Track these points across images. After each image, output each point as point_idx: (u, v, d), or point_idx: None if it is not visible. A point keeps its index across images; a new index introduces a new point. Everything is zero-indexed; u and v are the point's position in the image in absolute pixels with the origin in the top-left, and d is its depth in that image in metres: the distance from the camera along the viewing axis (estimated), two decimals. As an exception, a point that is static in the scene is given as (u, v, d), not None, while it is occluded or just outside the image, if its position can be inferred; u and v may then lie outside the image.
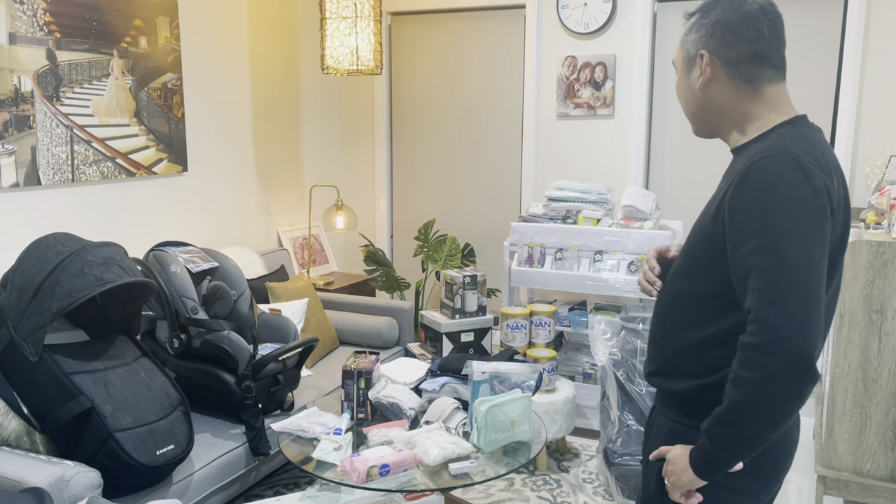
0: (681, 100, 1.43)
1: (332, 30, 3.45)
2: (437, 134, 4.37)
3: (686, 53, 1.38)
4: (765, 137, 1.31)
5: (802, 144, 1.24)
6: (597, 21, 3.79)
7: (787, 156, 1.21)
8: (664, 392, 1.45)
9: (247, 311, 2.86)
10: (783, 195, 1.18)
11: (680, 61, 1.41)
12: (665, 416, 1.45)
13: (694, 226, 1.39)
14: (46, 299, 2.13)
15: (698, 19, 1.36)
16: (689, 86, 1.39)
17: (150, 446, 2.17)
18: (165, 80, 3.30)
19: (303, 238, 4.22)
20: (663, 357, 1.43)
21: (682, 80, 1.41)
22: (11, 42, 2.65)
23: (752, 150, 1.28)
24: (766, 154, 1.23)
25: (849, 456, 2.67)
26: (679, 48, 1.42)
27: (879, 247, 2.55)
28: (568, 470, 3.18)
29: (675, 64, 1.44)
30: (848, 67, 3.37)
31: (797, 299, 1.14)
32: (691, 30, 1.37)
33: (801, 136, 1.27)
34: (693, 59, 1.37)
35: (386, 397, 2.48)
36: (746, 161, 1.26)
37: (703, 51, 1.34)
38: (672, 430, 1.41)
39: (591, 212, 3.39)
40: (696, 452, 1.29)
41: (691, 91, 1.39)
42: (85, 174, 2.97)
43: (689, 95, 1.40)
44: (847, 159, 3.42)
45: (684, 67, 1.40)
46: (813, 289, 1.15)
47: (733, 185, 1.25)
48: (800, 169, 1.19)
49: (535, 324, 3.29)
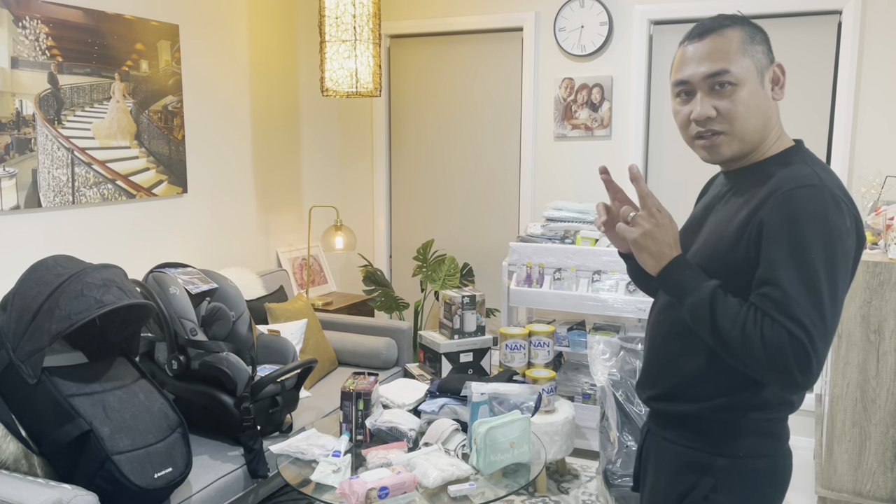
0: (750, 113, 1.31)
1: (332, 52, 3.48)
2: (435, 155, 4.40)
3: (758, 63, 1.31)
4: (783, 161, 1.31)
5: (829, 175, 1.27)
6: (593, 43, 3.83)
7: (825, 189, 1.22)
8: (667, 415, 1.43)
9: (245, 333, 2.87)
10: (824, 233, 1.20)
11: (752, 71, 1.30)
12: (667, 439, 1.42)
13: (701, 248, 1.36)
14: (46, 321, 2.14)
15: (751, 32, 1.31)
16: (766, 96, 1.32)
17: (149, 469, 2.16)
18: (166, 102, 3.33)
19: (302, 258, 4.23)
20: (670, 381, 1.41)
21: (756, 90, 1.30)
22: (14, 66, 2.68)
23: (777, 175, 1.28)
24: (803, 183, 1.23)
25: (849, 476, 2.66)
26: (740, 58, 1.29)
27: (876, 267, 2.56)
28: (568, 491, 3.17)
29: (734, 74, 1.29)
30: (843, 88, 3.40)
31: (824, 341, 1.19)
32: (753, 40, 1.31)
33: (822, 165, 1.30)
34: (766, 69, 1.32)
35: (384, 423, 2.48)
36: (778, 187, 1.25)
37: (779, 62, 1.33)
38: (678, 453, 1.39)
39: (589, 232, 3.40)
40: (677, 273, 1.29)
41: (767, 102, 1.32)
42: (85, 196, 2.98)
43: (766, 107, 1.32)
44: (843, 179, 3.44)
45: (759, 77, 1.31)
46: (833, 331, 1.22)
47: (768, 208, 1.24)
48: (836, 206, 1.22)
49: (534, 344, 3.29)
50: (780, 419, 1.35)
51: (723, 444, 1.34)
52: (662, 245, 1.30)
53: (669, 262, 1.30)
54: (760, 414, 1.33)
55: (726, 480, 1.34)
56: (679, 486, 1.38)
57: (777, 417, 1.34)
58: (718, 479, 1.34)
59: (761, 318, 1.20)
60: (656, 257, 1.31)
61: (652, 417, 1.48)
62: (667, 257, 1.31)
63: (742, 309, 1.22)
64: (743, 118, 1.30)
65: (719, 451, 1.34)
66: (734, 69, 1.29)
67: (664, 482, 1.42)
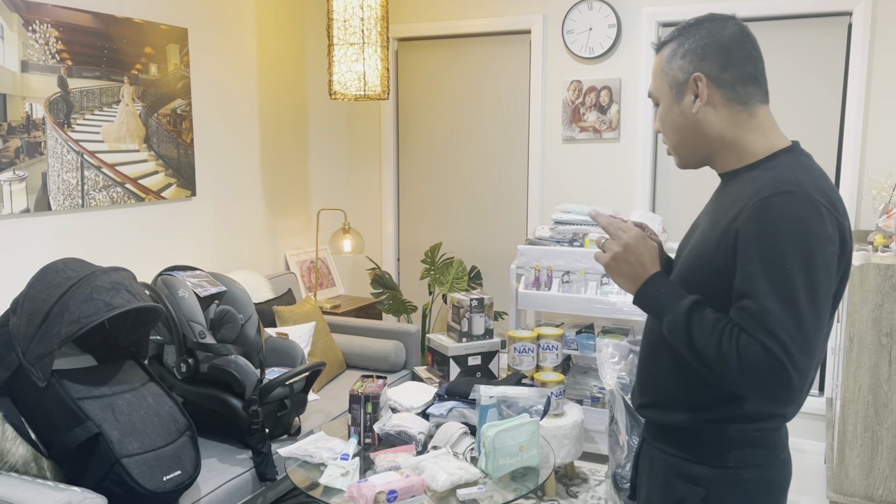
0: (669, 131, 1.36)
1: (340, 56, 3.49)
2: (443, 157, 4.40)
3: (673, 80, 1.33)
4: (769, 166, 1.28)
5: (812, 179, 1.22)
6: (602, 46, 3.82)
7: (803, 195, 1.18)
8: (658, 425, 1.41)
9: (254, 336, 2.87)
10: (801, 242, 1.17)
11: (665, 90, 1.35)
12: (659, 449, 1.41)
13: (687, 255, 1.35)
14: (55, 325, 2.14)
15: (679, 44, 1.32)
16: (682, 113, 1.33)
17: (157, 472, 2.17)
18: (175, 106, 3.34)
19: (310, 261, 4.24)
20: (659, 388, 1.40)
21: (671, 108, 1.34)
22: (24, 70, 2.69)
23: (758, 181, 1.24)
24: (780, 190, 1.19)
25: (860, 481, 2.64)
26: (660, 77, 1.35)
27: (888, 270, 2.54)
28: (577, 495, 3.15)
29: (654, 96, 1.38)
30: (853, 90, 3.38)
31: (804, 354, 1.16)
32: (674, 56, 1.32)
33: (806, 169, 1.25)
34: (684, 84, 1.31)
35: (393, 427, 2.47)
36: (755, 194, 1.22)
37: (697, 73, 1.29)
38: (671, 465, 1.38)
39: (597, 234, 3.39)
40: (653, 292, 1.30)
41: (684, 118, 1.33)
42: (95, 199, 2.99)
43: (683, 123, 1.33)
44: (853, 182, 3.42)
45: (672, 95, 1.33)
46: (817, 344, 1.18)
47: (744, 217, 1.21)
48: (816, 212, 1.18)
49: (543, 347, 3.28)
50: (772, 429, 1.32)
51: (711, 454, 1.32)
52: (635, 266, 1.33)
53: (644, 282, 1.32)
54: (749, 425, 1.30)
55: (717, 491, 1.32)
56: (671, 496, 1.37)
57: (768, 427, 1.32)
58: (709, 490, 1.32)
59: (737, 334, 1.18)
60: (631, 279, 1.33)
61: (647, 427, 1.47)
62: (641, 277, 1.32)
63: (718, 325, 1.21)
64: (666, 135, 1.38)
65: (708, 462, 1.32)
66: (654, 90, 1.38)
67: (657, 492, 1.40)
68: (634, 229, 1.35)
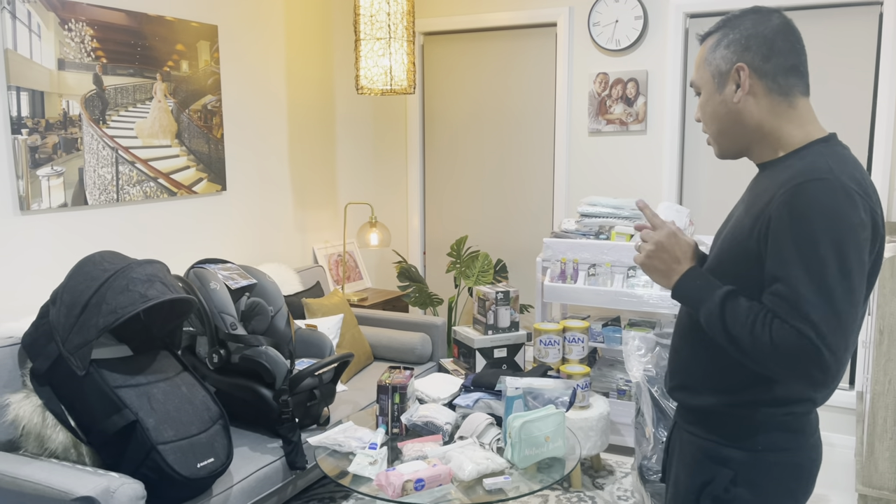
0: (710, 119, 1.39)
1: (367, 51, 3.52)
2: (469, 151, 4.42)
3: (716, 70, 1.35)
4: (802, 155, 1.30)
5: (845, 167, 1.24)
6: (628, 38, 3.81)
7: (836, 182, 1.20)
8: (688, 408, 1.44)
9: (284, 327, 2.92)
10: (834, 227, 1.18)
11: (707, 79, 1.38)
12: (690, 433, 1.43)
13: (723, 241, 1.37)
14: (93, 315, 2.21)
15: (724, 35, 1.35)
16: (724, 101, 1.35)
17: (192, 459, 2.22)
18: (205, 102, 3.40)
19: (337, 255, 4.29)
20: (688, 371, 1.43)
21: (712, 97, 1.37)
22: (60, 68, 2.76)
23: (791, 169, 1.26)
24: (813, 177, 1.21)
25: (890, 475, 2.62)
26: (703, 67, 1.39)
27: (919, 262, 2.51)
28: (602, 487, 3.17)
29: (696, 85, 1.41)
30: (885, 80, 3.33)
31: (838, 337, 1.17)
32: (719, 45, 1.35)
33: (840, 157, 1.26)
34: (726, 74, 1.34)
35: (420, 418, 2.50)
36: (788, 181, 1.23)
37: (740, 63, 1.32)
38: (700, 447, 1.40)
39: (624, 227, 3.39)
40: (688, 286, 1.33)
41: (726, 107, 1.35)
42: (129, 194, 3.06)
43: (724, 112, 1.36)
44: (885, 173, 3.38)
45: (714, 84, 1.36)
46: (852, 327, 1.19)
47: (776, 203, 1.23)
48: (848, 198, 1.19)
49: (569, 340, 3.29)
50: (802, 413, 1.34)
51: (740, 437, 1.35)
52: (669, 262, 1.37)
53: (680, 278, 1.35)
54: (778, 409, 1.32)
55: (746, 473, 1.34)
56: (699, 477, 1.39)
57: (797, 412, 1.33)
58: (738, 472, 1.34)
59: (770, 320, 1.20)
60: (665, 275, 1.38)
61: (678, 410, 1.50)
62: (676, 273, 1.36)
63: (752, 312, 1.23)
64: (706, 124, 1.41)
65: (737, 445, 1.35)
66: (696, 79, 1.41)
67: (686, 473, 1.43)
68: (668, 227, 1.38)
